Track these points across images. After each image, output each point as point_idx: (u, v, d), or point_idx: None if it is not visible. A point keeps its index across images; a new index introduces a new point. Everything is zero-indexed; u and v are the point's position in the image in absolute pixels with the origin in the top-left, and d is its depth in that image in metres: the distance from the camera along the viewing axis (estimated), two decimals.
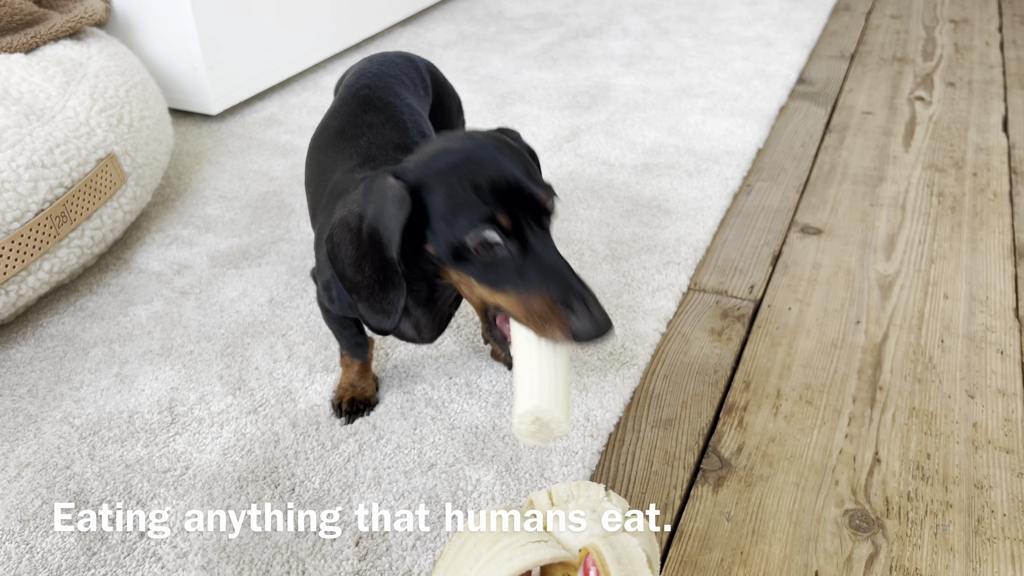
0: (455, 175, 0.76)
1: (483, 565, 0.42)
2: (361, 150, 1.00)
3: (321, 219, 0.98)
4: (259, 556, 0.88)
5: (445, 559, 0.44)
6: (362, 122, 1.05)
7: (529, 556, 0.41)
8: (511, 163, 0.77)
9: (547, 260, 0.75)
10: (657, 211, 1.53)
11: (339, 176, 0.98)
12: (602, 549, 0.41)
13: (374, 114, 1.07)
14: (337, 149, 1.03)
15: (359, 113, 1.07)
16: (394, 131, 1.04)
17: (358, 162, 0.98)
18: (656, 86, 2.11)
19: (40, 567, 0.87)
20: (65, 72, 1.38)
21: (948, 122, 1.91)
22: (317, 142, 1.11)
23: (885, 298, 1.30)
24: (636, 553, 0.41)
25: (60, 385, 1.12)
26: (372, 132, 1.04)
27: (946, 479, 0.98)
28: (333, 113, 1.12)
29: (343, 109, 1.10)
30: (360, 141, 1.02)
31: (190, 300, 1.29)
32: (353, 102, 1.10)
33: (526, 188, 0.76)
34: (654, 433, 1.06)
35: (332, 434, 1.03)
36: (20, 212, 1.15)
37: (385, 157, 0.99)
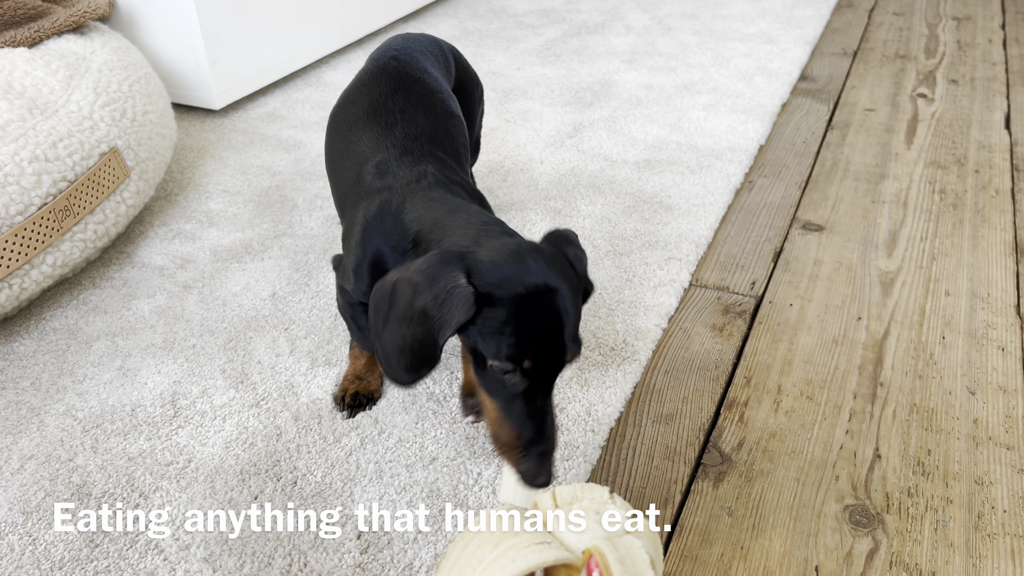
0: (516, 302, 0.78)
1: (486, 566, 0.42)
2: (397, 142, 1.02)
3: (355, 210, 1.00)
4: (261, 549, 0.88)
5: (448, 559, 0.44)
6: (394, 106, 1.07)
7: (532, 557, 0.41)
8: (565, 315, 0.80)
9: (537, 406, 0.81)
10: (659, 207, 1.53)
11: (378, 169, 1.00)
12: (605, 550, 0.41)
13: (405, 97, 1.09)
14: (371, 135, 1.05)
15: (389, 94, 1.09)
16: (426, 119, 1.07)
17: (395, 155, 1.01)
18: (658, 82, 2.11)
19: (43, 558, 0.87)
20: (68, 66, 1.38)
21: (950, 119, 1.91)
22: (344, 117, 1.12)
23: (886, 295, 1.30)
24: (639, 555, 0.41)
25: (63, 378, 1.12)
26: (405, 120, 1.05)
27: (947, 475, 0.99)
28: (361, 86, 1.13)
29: (372, 84, 1.12)
30: (395, 132, 1.04)
31: (193, 294, 1.29)
32: (383, 77, 1.12)
33: (562, 348, 0.80)
34: (655, 428, 1.06)
35: (334, 428, 1.04)
36: (23, 206, 1.15)
37: (421, 152, 1.02)
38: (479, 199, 1.01)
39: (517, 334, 0.78)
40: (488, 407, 0.84)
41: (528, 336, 0.79)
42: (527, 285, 0.79)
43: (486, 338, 0.79)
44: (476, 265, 0.79)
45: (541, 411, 0.81)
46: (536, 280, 0.79)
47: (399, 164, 1.00)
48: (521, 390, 0.80)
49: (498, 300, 0.78)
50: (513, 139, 1.81)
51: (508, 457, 0.81)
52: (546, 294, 0.79)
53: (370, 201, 0.98)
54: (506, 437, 0.81)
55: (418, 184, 0.97)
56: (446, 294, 0.78)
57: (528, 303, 0.78)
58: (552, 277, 0.80)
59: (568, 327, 0.80)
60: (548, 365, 0.80)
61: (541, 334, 0.79)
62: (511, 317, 0.78)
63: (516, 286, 0.78)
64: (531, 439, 0.80)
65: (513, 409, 0.81)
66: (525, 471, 0.79)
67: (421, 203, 0.94)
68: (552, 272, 0.80)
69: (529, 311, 0.79)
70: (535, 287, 0.79)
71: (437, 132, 1.06)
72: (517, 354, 0.78)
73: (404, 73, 1.13)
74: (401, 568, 0.86)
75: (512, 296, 0.78)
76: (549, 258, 0.82)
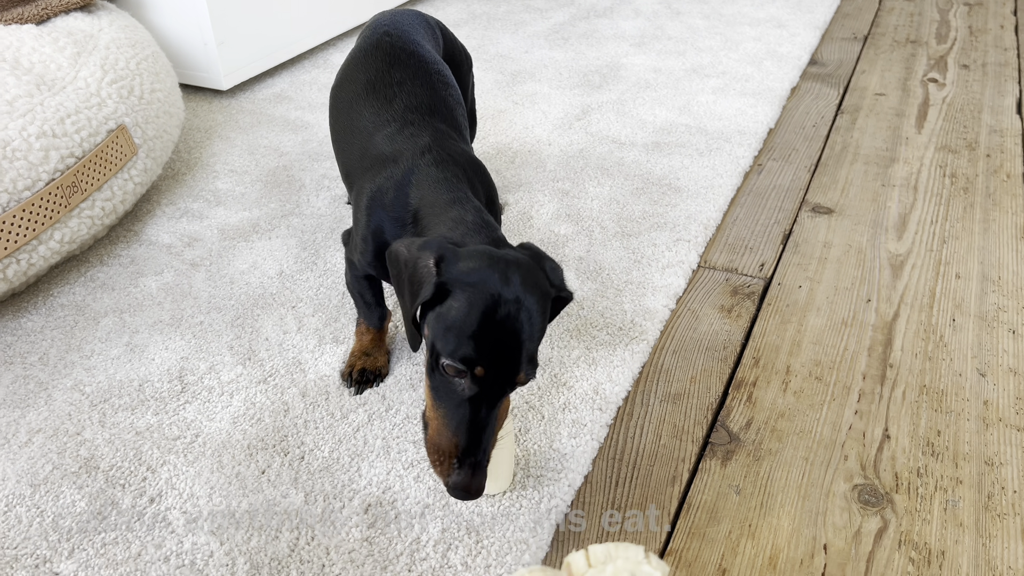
0: (476, 306, 0.78)
1: None
2: (398, 115, 1.05)
3: (362, 182, 1.02)
4: (268, 522, 0.88)
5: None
6: (392, 80, 1.09)
7: None
8: (527, 335, 0.80)
9: (480, 417, 0.79)
10: (667, 189, 1.53)
11: (381, 142, 1.03)
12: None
13: (402, 70, 1.11)
14: (372, 110, 1.07)
15: (387, 69, 1.11)
16: (424, 90, 1.09)
17: (397, 128, 1.04)
18: (667, 66, 2.10)
19: (51, 530, 0.87)
20: (76, 43, 1.37)
21: (962, 104, 1.90)
22: (344, 95, 1.14)
23: (896, 277, 1.29)
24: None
25: (71, 353, 1.12)
26: (404, 93, 1.08)
27: (956, 456, 0.98)
28: (357, 64, 1.15)
29: (368, 60, 1.13)
30: (395, 104, 1.07)
31: (200, 272, 1.29)
32: (378, 54, 1.13)
33: (516, 365, 0.79)
34: (663, 407, 1.06)
35: (341, 404, 1.04)
36: (31, 181, 1.15)
37: (422, 123, 1.04)
38: (476, 167, 1.03)
39: (476, 338, 0.78)
40: (432, 414, 0.82)
41: (486, 343, 0.78)
42: (494, 293, 0.79)
43: (446, 334, 0.79)
44: (451, 258, 0.81)
45: (483, 422, 0.79)
46: (503, 291, 0.79)
47: (401, 136, 1.02)
48: (468, 396, 0.79)
49: (462, 296, 0.79)
50: (521, 121, 1.80)
51: (440, 469, 0.80)
52: (512, 307, 0.79)
53: (374, 173, 1.00)
54: (445, 445, 0.80)
55: (421, 159, 0.98)
56: (417, 269, 0.81)
57: (492, 311, 0.79)
58: (522, 292, 0.80)
59: (526, 347, 0.80)
60: (499, 379, 0.79)
61: (499, 345, 0.79)
62: (473, 320, 0.78)
63: (484, 289, 0.79)
64: (466, 448, 0.78)
65: (457, 415, 0.79)
66: (456, 483, 0.78)
67: (425, 182, 0.96)
68: (524, 288, 0.80)
69: (491, 319, 0.78)
70: (502, 298, 0.79)
71: (435, 103, 1.09)
72: (472, 357, 0.78)
73: (398, 48, 1.14)
74: (408, 542, 0.86)
75: (477, 298, 0.79)
76: (524, 271, 0.82)
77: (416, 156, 0.98)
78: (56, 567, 0.83)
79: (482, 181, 1.03)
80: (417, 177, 0.97)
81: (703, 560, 0.87)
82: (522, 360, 0.79)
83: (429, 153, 0.99)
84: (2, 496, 0.91)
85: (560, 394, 1.06)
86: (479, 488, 0.78)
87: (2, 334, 1.16)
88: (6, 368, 1.10)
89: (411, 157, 0.98)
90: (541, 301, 0.82)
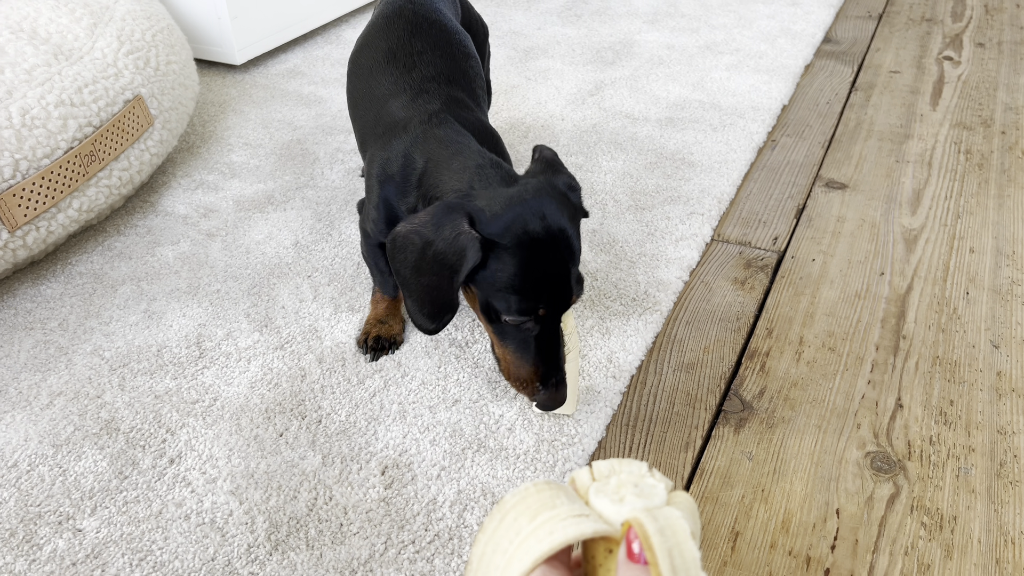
0: (521, 251, 0.81)
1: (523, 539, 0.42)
2: (415, 83, 1.04)
3: (374, 149, 1.02)
4: (287, 483, 0.90)
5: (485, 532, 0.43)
6: (412, 49, 1.09)
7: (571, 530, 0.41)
8: (570, 258, 0.84)
9: (550, 342, 0.87)
10: (681, 163, 1.53)
11: (395, 109, 1.03)
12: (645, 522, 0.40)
13: (423, 39, 1.10)
14: (390, 78, 1.07)
15: (408, 37, 1.10)
16: (443, 60, 1.08)
17: (411, 96, 1.03)
18: (680, 43, 2.09)
19: (73, 488, 0.89)
20: (92, 14, 1.38)
21: (977, 81, 1.89)
22: (364, 62, 1.13)
23: (910, 251, 1.30)
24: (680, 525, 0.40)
25: (90, 320, 1.14)
26: (423, 62, 1.07)
27: (969, 425, 0.99)
28: (379, 31, 1.14)
29: (390, 28, 1.13)
30: (413, 74, 1.06)
31: (216, 242, 1.30)
32: (400, 22, 1.13)
33: (569, 288, 0.85)
34: (676, 376, 1.06)
35: (358, 370, 1.05)
36: (50, 149, 1.16)
37: (437, 91, 1.04)
38: (490, 135, 1.03)
39: (527, 287, 0.82)
40: (503, 351, 0.90)
41: (537, 286, 0.82)
42: (530, 233, 0.81)
43: (497, 293, 0.83)
44: (477, 214, 0.82)
45: (554, 344, 0.87)
46: (541, 231, 0.81)
47: (414, 103, 1.02)
48: (535, 330, 0.86)
49: (503, 249, 0.81)
50: (534, 96, 1.80)
51: (526, 391, 0.89)
52: (549, 241, 0.82)
53: (385, 140, 1.01)
54: (524, 375, 0.89)
55: (429, 123, 0.98)
56: (453, 239, 0.80)
57: (532, 252, 0.81)
58: (557, 223, 0.82)
59: (573, 268, 0.84)
60: (557, 308, 0.86)
61: (549, 282, 0.83)
62: (519, 269, 0.81)
63: (519, 234, 0.81)
64: (545, 373, 0.87)
65: (528, 350, 0.87)
66: (543, 402, 0.88)
67: (429, 142, 0.97)
68: (557, 218, 0.82)
69: (534, 261, 0.81)
70: (537, 235, 0.81)
71: (454, 72, 1.08)
72: (530, 307, 0.83)
73: (421, 16, 1.14)
74: (425, 503, 0.87)
75: (516, 245, 0.81)
76: (551, 201, 0.83)
77: (424, 121, 0.99)
78: (79, 523, 0.85)
79: (494, 148, 1.02)
80: (424, 140, 0.97)
81: (716, 523, 0.87)
82: (573, 287, 0.85)
83: (436, 117, 0.99)
84: (25, 456, 0.93)
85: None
86: (563, 399, 0.88)
87: (22, 300, 1.17)
88: (27, 333, 1.11)
89: (419, 123, 0.99)
90: (574, 223, 0.85)
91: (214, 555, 0.82)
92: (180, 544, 0.83)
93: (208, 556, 0.82)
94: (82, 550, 0.82)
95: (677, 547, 0.39)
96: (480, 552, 0.43)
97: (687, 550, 0.39)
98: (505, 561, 0.41)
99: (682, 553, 0.38)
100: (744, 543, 0.85)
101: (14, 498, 0.88)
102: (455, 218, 0.81)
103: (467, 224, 0.80)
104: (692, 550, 0.39)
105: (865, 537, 0.85)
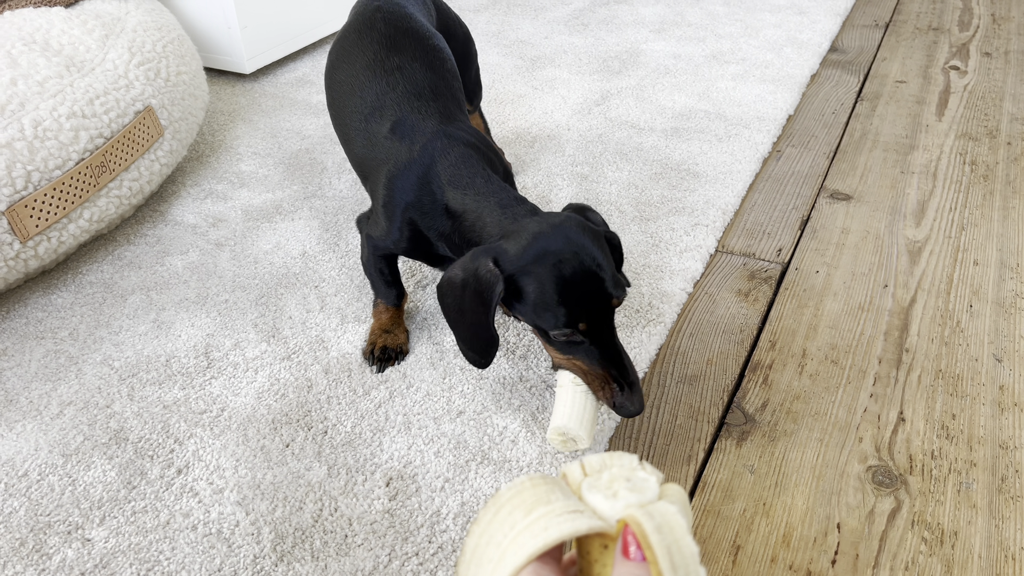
0: (547, 272, 0.86)
1: (518, 533, 0.42)
2: (402, 102, 1.07)
3: (377, 176, 1.06)
4: (292, 494, 0.91)
5: (480, 524, 0.44)
6: (391, 66, 1.10)
7: (565, 526, 0.41)
8: (599, 267, 0.88)
9: (611, 347, 0.90)
10: (686, 174, 1.53)
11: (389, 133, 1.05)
12: (641, 519, 0.40)
13: (399, 53, 1.11)
14: (374, 97, 1.08)
15: (384, 53, 1.11)
16: (424, 71, 1.10)
17: (403, 114, 1.06)
18: (687, 52, 2.10)
19: (82, 498, 0.90)
20: (104, 26, 1.40)
21: (983, 92, 1.89)
22: (342, 79, 1.14)
23: (914, 263, 1.30)
24: (676, 521, 0.41)
25: (100, 329, 1.15)
26: (405, 79, 1.09)
27: (971, 439, 0.99)
28: (352, 45, 1.15)
29: (364, 43, 1.13)
30: (398, 91, 1.08)
31: (225, 252, 1.31)
32: (373, 35, 1.14)
33: (606, 292, 0.88)
34: (679, 388, 1.07)
35: (363, 381, 1.06)
36: (62, 160, 1.17)
37: (426, 108, 1.06)
38: (481, 138, 1.07)
39: (564, 303, 0.86)
40: (573, 367, 0.92)
41: (574, 300, 0.86)
42: (557, 254, 0.86)
43: (539, 314, 0.88)
44: (502, 254, 0.87)
45: (614, 350, 0.89)
46: (562, 246, 0.86)
47: (412, 125, 1.05)
48: (591, 339, 0.89)
49: (530, 275, 0.86)
50: (540, 106, 1.81)
51: (606, 393, 0.90)
52: (574, 256, 0.87)
53: (393, 164, 1.03)
54: (599, 379, 0.91)
55: (435, 145, 1.01)
56: (483, 276, 0.87)
57: (562, 270, 0.86)
58: (574, 238, 0.87)
59: (606, 276, 0.87)
60: (600, 315, 0.88)
61: (584, 294, 0.87)
62: (552, 288, 0.86)
63: (548, 258, 0.86)
64: (622, 373, 0.89)
65: (593, 355, 0.89)
66: (622, 405, 0.89)
67: (443, 170, 1.00)
68: (573, 235, 0.87)
69: (566, 277, 0.86)
70: (564, 253, 0.86)
71: (437, 83, 1.10)
72: (570, 320, 0.87)
73: (393, 26, 1.15)
74: (429, 514, 0.88)
75: (540, 267, 0.86)
76: (566, 226, 0.89)
77: (428, 143, 1.02)
78: (88, 533, 0.86)
79: (489, 147, 1.07)
80: (440, 166, 1.00)
81: (717, 537, 0.88)
82: (611, 290, 0.88)
83: (439, 141, 1.02)
84: (35, 465, 0.94)
85: None
86: (641, 405, 0.89)
87: (33, 310, 1.19)
88: (38, 343, 1.13)
89: (422, 149, 1.01)
90: (593, 237, 0.89)
91: (220, 566, 0.83)
92: (187, 554, 0.84)
93: (215, 567, 0.83)
94: (91, 560, 0.84)
95: (675, 543, 0.39)
96: (474, 543, 0.43)
97: (685, 546, 0.39)
98: (499, 554, 0.42)
99: (680, 549, 0.39)
100: (745, 557, 0.86)
101: (24, 507, 0.89)
102: (483, 260, 0.88)
103: (491, 263, 0.87)
104: (690, 545, 0.39)
105: (866, 552, 0.86)
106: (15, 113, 1.15)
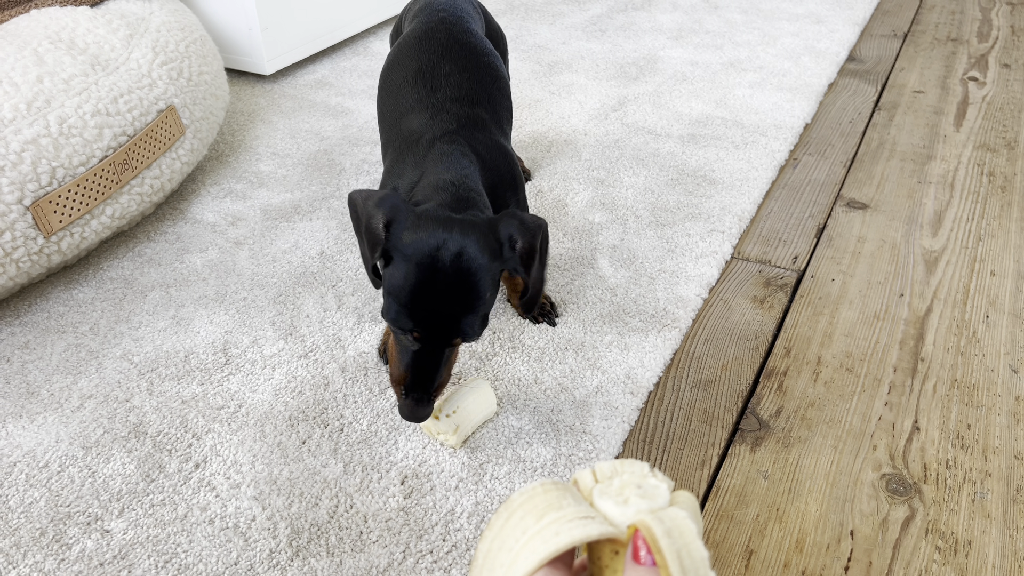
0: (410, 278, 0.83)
1: (529, 538, 0.42)
2: (437, 103, 1.08)
3: (389, 159, 1.07)
4: (309, 490, 0.91)
5: (492, 529, 0.44)
6: (440, 72, 1.11)
7: (576, 532, 0.42)
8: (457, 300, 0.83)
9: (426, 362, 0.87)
10: (702, 181, 1.54)
11: (414, 124, 1.06)
12: (651, 525, 0.41)
13: (452, 61, 1.13)
14: (415, 96, 1.10)
15: (438, 59, 1.13)
16: (469, 81, 1.11)
17: (432, 113, 1.06)
18: (704, 59, 2.11)
19: (102, 490, 0.91)
20: (128, 26, 1.41)
21: (1002, 103, 1.88)
22: (394, 79, 1.16)
23: (930, 273, 1.30)
24: (686, 526, 0.41)
25: (120, 325, 1.16)
26: (449, 84, 1.10)
27: (986, 449, 0.99)
28: (410, 50, 1.17)
29: (422, 48, 1.15)
30: (437, 94, 1.09)
31: (244, 250, 1.33)
32: (432, 44, 1.15)
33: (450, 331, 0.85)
34: (693, 393, 1.07)
35: (380, 380, 1.07)
36: (86, 157, 1.19)
37: (457, 111, 1.06)
38: (502, 155, 1.06)
39: (409, 307, 0.83)
40: (390, 352, 0.92)
41: (418, 312, 0.83)
42: (430, 264, 0.82)
43: (387, 297, 0.85)
44: (400, 221, 0.84)
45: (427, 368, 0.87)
46: (440, 262, 0.82)
47: (432, 121, 1.05)
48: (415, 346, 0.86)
49: (402, 265, 0.83)
50: (557, 111, 1.82)
51: (395, 390, 0.90)
52: (446, 277, 0.82)
53: (400, 151, 1.04)
54: (396, 375, 0.89)
55: (440, 140, 1.01)
56: (370, 228, 0.85)
57: (425, 282, 0.82)
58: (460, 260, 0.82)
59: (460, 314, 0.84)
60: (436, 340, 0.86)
61: (431, 315, 0.83)
62: (407, 290, 0.83)
63: (420, 261, 0.82)
64: (418, 382, 0.87)
65: (405, 358, 0.88)
66: (401, 407, 0.88)
67: (431, 157, 1.00)
68: (463, 256, 0.83)
69: (424, 290, 0.82)
70: (437, 268, 0.82)
71: (479, 94, 1.11)
72: (407, 326, 0.84)
73: (452, 37, 1.16)
74: (443, 513, 0.89)
75: (413, 270, 0.82)
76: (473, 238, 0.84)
77: (435, 138, 1.02)
78: (107, 525, 0.87)
79: (501, 167, 1.05)
80: (426, 155, 1.00)
81: (730, 542, 0.88)
82: (458, 326, 0.85)
83: (448, 136, 1.01)
84: (56, 457, 0.95)
85: (593, 377, 1.08)
86: (421, 417, 0.87)
87: (55, 304, 1.20)
88: (59, 336, 1.14)
89: (430, 140, 1.02)
90: (482, 269, 0.84)
91: (237, 559, 0.84)
92: (204, 548, 0.85)
93: (231, 560, 0.84)
94: (110, 551, 0.85)
95: (685, 548, 0.39)
96: (486, 549, 0.44)
97: (695, 550, 0.40)
98: (510, 559, 0.42)
99: (691, 554, 0.39)
100: (758, 562, 0.86)
101: (45, 498, 0.90)
102: (381, 212, 0.85)
103: (382, 224, 0.84)
104: (700, 550, 0.40)
105: (879, 559, 0.86)
106: (41, 110, 1.16)
